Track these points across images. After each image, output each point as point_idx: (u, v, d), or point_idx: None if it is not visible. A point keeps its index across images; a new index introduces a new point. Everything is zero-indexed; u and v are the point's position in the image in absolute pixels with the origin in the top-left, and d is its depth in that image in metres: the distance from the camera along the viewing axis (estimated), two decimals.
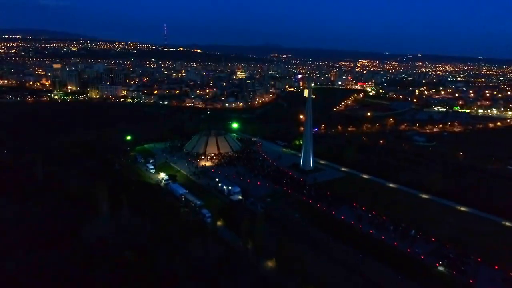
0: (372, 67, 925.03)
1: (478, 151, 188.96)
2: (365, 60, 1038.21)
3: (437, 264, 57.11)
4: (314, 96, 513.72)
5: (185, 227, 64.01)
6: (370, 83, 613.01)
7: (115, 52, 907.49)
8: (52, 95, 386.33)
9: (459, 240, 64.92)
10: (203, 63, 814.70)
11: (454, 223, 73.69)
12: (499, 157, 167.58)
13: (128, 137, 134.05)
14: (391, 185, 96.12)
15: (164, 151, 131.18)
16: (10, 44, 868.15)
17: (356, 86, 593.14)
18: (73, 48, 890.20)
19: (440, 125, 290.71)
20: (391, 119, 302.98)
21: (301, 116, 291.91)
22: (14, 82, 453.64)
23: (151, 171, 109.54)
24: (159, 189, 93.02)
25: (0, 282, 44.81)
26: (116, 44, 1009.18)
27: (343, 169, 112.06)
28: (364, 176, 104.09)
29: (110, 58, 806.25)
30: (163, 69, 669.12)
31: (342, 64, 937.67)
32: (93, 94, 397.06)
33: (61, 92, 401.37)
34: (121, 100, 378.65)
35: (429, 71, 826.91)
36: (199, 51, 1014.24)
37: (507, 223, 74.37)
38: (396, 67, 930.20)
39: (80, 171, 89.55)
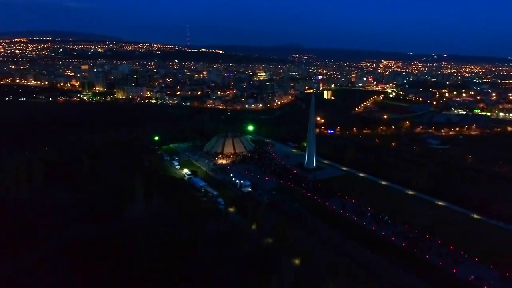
0: (395, 67, 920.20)
1: (490, 154, 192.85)
2: (388, 60, 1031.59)
3: (403, 244, 71.17)
4: (333, 98, 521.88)
5: (203, 212, 79.91)
6: (391, 84, 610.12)
7: (140, 53, 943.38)
8: (82, 96, 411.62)
9: (427, 226, 77.83)
10: (224, 64, 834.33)
11: (428, 214, 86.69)
12: (510, 161, 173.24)
13: (156, 138, 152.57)
14: (383, 182, 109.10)
15: (187, 150, 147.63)
16: (41, 46, 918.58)
17: (377, 88, 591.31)
18: (99, 50, 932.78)
19: (457, 128, 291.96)
20: (407, 122, 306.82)
21: (318, 118, 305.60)
22: (46, 83, 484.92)
23: (176, 167, 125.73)
24: (183, 182, 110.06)
25: (64, 249, 60.97)
26: (140, 45, 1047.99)
27: (343, 168, 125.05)
28: (361, 174, 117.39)
29: (134, 59, 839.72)
30: (185, 70, 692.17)
31: (364, 65, 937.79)
32: (119, 95, 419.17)
33: (89, 93, 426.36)
34: (146, 101, 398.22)
35: (454, 72, 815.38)
36: (220, 52, 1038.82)
37: (475, 215, 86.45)
38: (420, 68, 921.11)
39: (116, 167, 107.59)
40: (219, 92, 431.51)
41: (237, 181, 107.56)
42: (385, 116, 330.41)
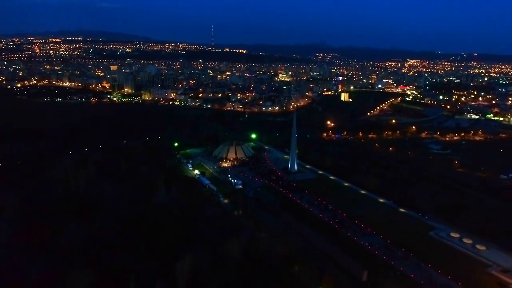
0: (420, 67, 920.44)
1: (483, 161, 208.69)
2: (414, 60, 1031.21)
3: (337, 226, 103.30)
4: (351, 100, 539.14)
5: (205, 201, 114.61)
6: (411, 86, 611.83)
7: (166, 53, 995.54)
8: (112, 97, 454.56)
9: (360, 214, 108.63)
10: (247, 64, 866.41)
11: (366, 207, 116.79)
12: (502, 167, 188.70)
13: (176, 144, 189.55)
14: (345, 184, 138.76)
15: (199, 154, 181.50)
16: (73, 46, 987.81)
17: (397, 90, 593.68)
18: (128, 50, 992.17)
19: (462, 133, 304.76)
20: (413, 127, 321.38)
21: (328, 122, 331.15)
22: (79, 84, 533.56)
23: (190, 168, 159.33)
24: (194, 180, 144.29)
25: (116, 221, 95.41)
26: (166, 45, 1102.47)
27: (320, 172, 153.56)
28: (331, 177, 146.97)
29: (161, 59, 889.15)
30: (209, 71, 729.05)
31: (388, 65, 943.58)
32: (146, 97, 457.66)
33: (119, 94, 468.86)
34: (170, 103, 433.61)
35: (481, 72, 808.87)
36: (244, 51, 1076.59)
37: (401, 209, 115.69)
38: (446, 67, 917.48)
39: (146, 167, 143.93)
40: (239, 95, 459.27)
41: (232, 180, 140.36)
42: (393, 121, 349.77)
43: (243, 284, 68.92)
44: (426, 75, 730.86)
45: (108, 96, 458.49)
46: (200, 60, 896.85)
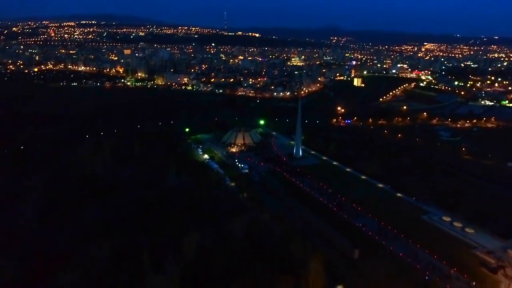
0: (437, 51, 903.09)
1: (493, 148, 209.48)
2: (432, 44, 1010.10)
3: (335, 208, 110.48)
4: (363, 85, 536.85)
5: (213, 185, 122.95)
6: (426, 71, 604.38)
7: (178, 37, 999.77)
8: (125, 81, 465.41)
9: (358, 198, 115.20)
10: (260, 48, 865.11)
11: (364, 192, 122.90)
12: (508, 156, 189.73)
13: (187, 129, 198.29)
14: (347, 169, 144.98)
15: (209, 140, 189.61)
16: (87, 30, 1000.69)
17: (411, 75, 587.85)
18: (141, 33, 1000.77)
19: (474, 120, 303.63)
20: (425, 113, 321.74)
21: (339, 108, 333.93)
22: (94, 69, 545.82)
23: (200, 153, 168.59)
24: (203, 164, 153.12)
25: (131, 201, 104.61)
26: (179, 29, 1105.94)
27: (324, 158, 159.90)
28: (334, 163, 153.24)
29: (174, 43, 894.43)
30: (221, 55, 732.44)
31: (405, 49, 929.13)
32: (159, 81, 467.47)
33: (132, 79, 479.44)
34: (183, 87, 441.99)
35: (501, 56, 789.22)
36: (257, 35, 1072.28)
37: (398, 194, 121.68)
38: (465, 52, 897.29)
39: (158, 152, 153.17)
40: (250, 80, 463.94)
41: (239, 165, 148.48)
42: (405, 107, 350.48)
43: (244, 258, 76.93)
44: (442, 59, 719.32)
45: (122, 80, 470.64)
46: (213, 44, 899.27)
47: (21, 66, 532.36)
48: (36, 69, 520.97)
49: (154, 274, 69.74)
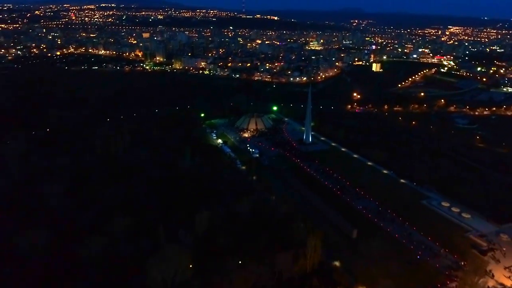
0: (462, 35, 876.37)
1: (511, 137, 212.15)
2: (457, 27, 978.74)
3: (339, 192, 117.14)
4: (382, 71, 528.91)
5: (226, 167, 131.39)
6: (448, 56, 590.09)
7: (196, 20, 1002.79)
8: (144, 65, 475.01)
9: (361, 183, 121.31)
10: (278, 31, 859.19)
11: (369, 177, 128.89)
12: None
13: (202, 114, 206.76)
14: (354, 155, 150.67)
15: (223, 125, 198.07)
16: (107, 13, 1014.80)
17: (433, 60, 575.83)
18: (159, 17, 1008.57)
19: (494, 108, 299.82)
20: (442, 100, 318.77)
21: (355, 94, 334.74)
22: (114, 52, 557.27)
23: (214, 137, 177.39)
24: (216, 148, 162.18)
25: (149, 182, 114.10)
26: (197, 12, 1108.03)
27: (333, 144, 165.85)
28: (342, 149, 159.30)
29: (192, 26, 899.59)
30: (239, 39, 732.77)
31: (428, 32, 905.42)
32: (177, 65, 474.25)
33: (151, 63, 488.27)
34: (200, 72, 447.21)
35: None
36: (275, 18, 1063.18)
37: (401, 180, 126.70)
38: (492, 35, 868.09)
39: (175, 135, 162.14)
40: (267, 64, 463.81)
41: (250, 149, 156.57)
42: (422, 94, 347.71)
43: (248, 234, 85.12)
44: (466, 44, 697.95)
45: (141, 64, 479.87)
46: (231, 28, 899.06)
47: (44, 50, 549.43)
48: (58, 53, 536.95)
49: (170, 244, 78.57)
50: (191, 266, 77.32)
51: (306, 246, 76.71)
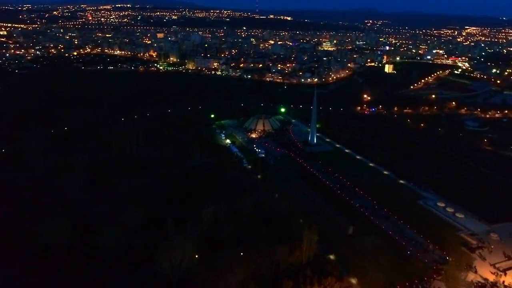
0: (479, 36, 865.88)
1: None
2: (474, 27, 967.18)
3: (339, 191, 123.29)
4: (395, 72, 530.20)
5: (233, 166, 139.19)
6: (463, 57, 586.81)
7: (210, 20, 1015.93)
8: (158, 66, 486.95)
9: (361, 183, 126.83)
10: (291, 32, 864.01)
11: (369, 177, 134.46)
12: None
13: (212, 115, 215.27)
14: (357, 156, 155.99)
15: (232, 126, 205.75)
16: (122, 13, 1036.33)
17: (447, 61, 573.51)
18: (173, 17, 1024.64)
19: (506, 111, 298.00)
20: (453, 103, 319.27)
21: (365, 95, 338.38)
22: (129, 53, 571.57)
23: (223, 138, 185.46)
24: (225, 148, 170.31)
25: (159, 177, 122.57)
26: (211, 12, 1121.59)
27: (337, 145, 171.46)
28: (346, 150, 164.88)
29: (205, 26, 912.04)
30: (252, 39, 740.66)
31: (444, 33, 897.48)
32: (190, 66, 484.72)
33: (164, 63, 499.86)
34: (212, 72, 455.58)
35: None
36: (288, 18, 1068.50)
37: (401, 181, 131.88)
38: (510, 36, 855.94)
39: (186, 135, 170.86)
40: (279, 65, 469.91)
41: (257, 150, 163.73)
42: (433, 96, 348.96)
43: (251, 228, 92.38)
44: (482, 45, 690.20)
45: (155, 65, 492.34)
46: (244, 28, 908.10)
47: (62, 50, 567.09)
48: (75, 53, 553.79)
49: (177, 235, 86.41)
50: (196, 256, 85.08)
51: (302, 239, 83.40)
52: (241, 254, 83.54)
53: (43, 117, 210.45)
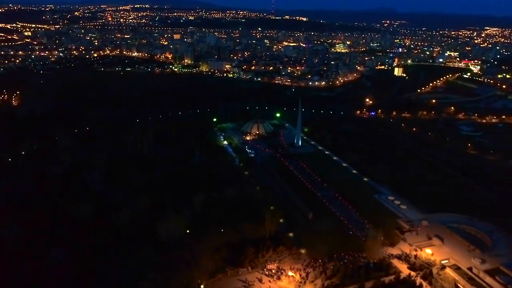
0: (499, 37, 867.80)
1: (509, 145, 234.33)
2: (495, 28, 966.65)
3: (309, 185, 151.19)
4: (404, 75, 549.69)
5: (226, 164, 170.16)
6: (476, 61, 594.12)
7: (226, 21, 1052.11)
8: (173, 67, 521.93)
9: (330, 179, 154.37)
10: (306, 33, 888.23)
11: (338, 175, 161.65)
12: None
13: (214, 119, 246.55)
14: (334, 158, 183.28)
15: (231, 129, 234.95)
16: (141, 14, 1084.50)
17: (460, 64, 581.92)
18: (190, 17, 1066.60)
19: (503, 116, 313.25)
20: (452, 107, 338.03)
21: (367, 99, 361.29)
22: (146, 54, 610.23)
23: (222, 139, 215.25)
24: (222, 148, 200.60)
25: (165, 174, 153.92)
26: (227, 13, 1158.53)
27: (319, 147, 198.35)
28: (326, 152, 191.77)
29: (221, 27, 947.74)
30: (266, 40, 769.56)
31: (463, 34, 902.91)
32: (203, 68, 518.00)
33: (179, 65, 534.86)
34: (224, 74, 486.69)
35: None
36: (304, 19, 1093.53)
37: (365, 179, 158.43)
38: None
39: (189, 136, 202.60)
40: (289, 68, 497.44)
41: (248, 150, 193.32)
42: (434, 100, 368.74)
43: (232, 212, 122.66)
44: (498, 47, 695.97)
45: (170, 66, 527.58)
46: (259, 29, 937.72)
47: (83, 52, 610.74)
48: (95, 55, 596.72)
49: (175, 214, 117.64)
50: (188, 231, 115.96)
51: (265, 219, 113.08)
52: (221, 230, 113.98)
53: (68, 117, 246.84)
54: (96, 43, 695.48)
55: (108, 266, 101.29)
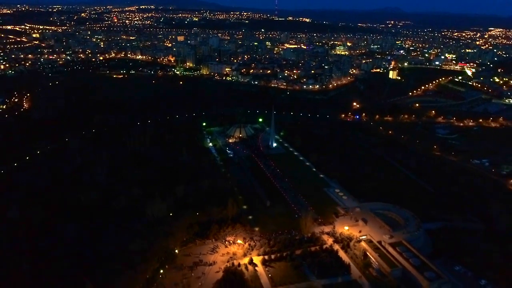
0: (502, 38, 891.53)
1: (481, 146, 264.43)
2: (500, 29, 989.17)
3: (272, 179, 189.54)
4: (399, 78, 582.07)
5: (208, 162, 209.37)
6: (471, 63, 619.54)
7: (230, 22, 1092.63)
8: (175, 70, 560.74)
9: (292, 174, 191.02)
10: (309, 34, 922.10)
11: (300, 171, 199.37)
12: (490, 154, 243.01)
13: (204, 124, 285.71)
14: (300, 158, 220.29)
15: (217, 132, 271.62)
16: (146, 15, 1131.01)
17: (456, 67, 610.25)
18: (194, 19, 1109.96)
19: (480, 119, 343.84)
20: (433, 111, 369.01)
21: (354, 103, 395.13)
22: (150, 58, 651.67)
23: (208, 142, 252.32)
24: (207, 149, 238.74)
25: (159, 169, 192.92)
26: (231, 14, 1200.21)
27: (290, 149, 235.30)
28: (295, 153, 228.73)
29: (225, 28, 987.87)
30: (267, 42, 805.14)
31: (466, 35, 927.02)
32: (204, 71, 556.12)
33: (181, 68, 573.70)
34: (224, 78, 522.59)
35: None
36: (307, 20, 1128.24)
37: (321, 175, 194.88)
38: None
39: (181, 139, 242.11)
40: (286, 71, 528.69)
41: (228, 151, 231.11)
42: (417, 104, 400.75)
43: (208, 200, 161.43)
44: (496, 50, 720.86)
45: (173, 69, 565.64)
46: (263, 30, 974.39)
47: (89, 55, 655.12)
48: (101, 58, 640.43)
49: (161, 200, 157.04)
50: (171, 214, 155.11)
51: (227, 204, 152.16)
52: (196, 213, 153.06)
53: (76, 120, 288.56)
54: (102, 45, 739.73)
55: (109, 235, 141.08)
